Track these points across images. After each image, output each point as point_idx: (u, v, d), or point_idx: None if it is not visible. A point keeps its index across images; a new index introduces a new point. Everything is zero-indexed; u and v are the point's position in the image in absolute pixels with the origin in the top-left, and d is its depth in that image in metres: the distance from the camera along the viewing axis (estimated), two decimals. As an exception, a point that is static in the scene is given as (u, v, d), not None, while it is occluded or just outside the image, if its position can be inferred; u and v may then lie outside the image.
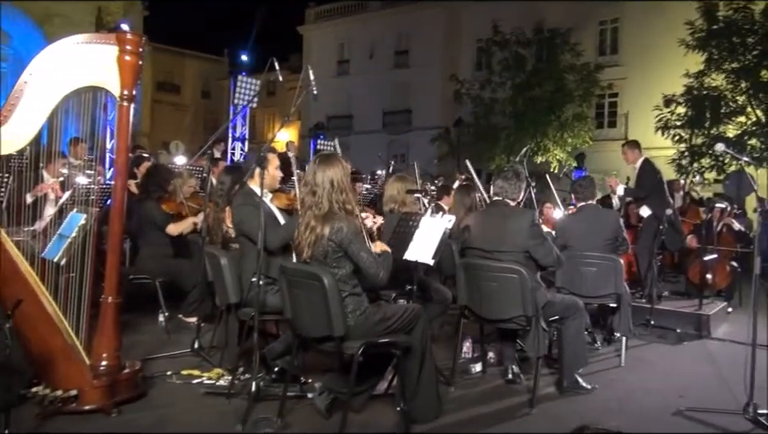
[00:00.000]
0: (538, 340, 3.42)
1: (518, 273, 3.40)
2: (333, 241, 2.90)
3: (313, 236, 2.94)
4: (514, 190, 3.78)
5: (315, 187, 2.98)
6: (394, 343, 2.94)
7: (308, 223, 2.98)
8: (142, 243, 5.04)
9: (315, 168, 3.02)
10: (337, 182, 2.96)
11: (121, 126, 3.24)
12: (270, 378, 3.60)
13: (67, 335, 3.16)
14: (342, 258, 2.93)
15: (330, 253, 2.92)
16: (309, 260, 2.99)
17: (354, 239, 2.90)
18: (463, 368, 4.09)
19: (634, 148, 6.52)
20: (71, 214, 3.51)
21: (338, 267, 2.93)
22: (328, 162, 3.02)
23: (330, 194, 2.95)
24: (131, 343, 4.16)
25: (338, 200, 2.95)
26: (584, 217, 4.82)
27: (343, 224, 2.90)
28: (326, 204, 2.95)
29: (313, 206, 2.98)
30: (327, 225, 2.91)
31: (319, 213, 2.95)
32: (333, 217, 2.92)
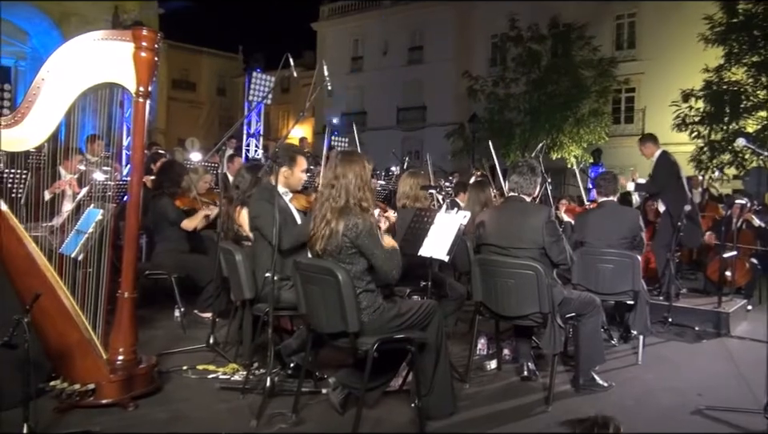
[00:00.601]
0: (554, 337, 3.38)
1: (534, 270, 3.37)
2: (347, 237, 2.89)
3: (327, 230, 2.94)
4: (529, 185, 3.75)
5: (334, 180, 2.98)
6: (409, 339, 2.93)
7: (324, 214, 2.98)
8: (158, 239, 5.08)
9: (337, 162, 3.02)
10: (357, 179, 2.96)
11: (137, 123, 3.27)
12: (284, 373, 3.61)
13: (84, 330, 3.19)
14: (356, 254, 2.93)
15: (343, 249, 2.92)
16: (321, 253, 2.98)
17: (368, 236, 2.89)
18: (478, 365, 4.08)
19: (647, 142, 6.41)
20: (88, 209, 3.54)
21: (351, 263, 2.93)
22: (351, 158, 3.03)
23: (348, 190, 2.95)
24: (147, 338, 4.20)
25: (355, 196, 2.95)
26: (603, 213, 4.78)
27: (358, 221, 2.89)
28: (342, 198, 2.95)
29: (330, 198, 2.98)
30: (342, 221, 2.91)
31: (336, 206, 2.95)
32: (348, 213, 2.92)
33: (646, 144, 6.36)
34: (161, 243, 5.03)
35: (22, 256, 3.18)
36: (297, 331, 3.77)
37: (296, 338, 3.63)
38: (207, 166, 6.31)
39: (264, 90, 11.03)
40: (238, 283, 3.68)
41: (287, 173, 3.73)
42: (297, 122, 4.66)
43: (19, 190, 3.90)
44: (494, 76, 19.79)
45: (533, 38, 18.65)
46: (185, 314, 4.92)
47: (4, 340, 2.49)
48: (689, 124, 15.29)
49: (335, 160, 3.04)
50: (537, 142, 17.69)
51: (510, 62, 19.29)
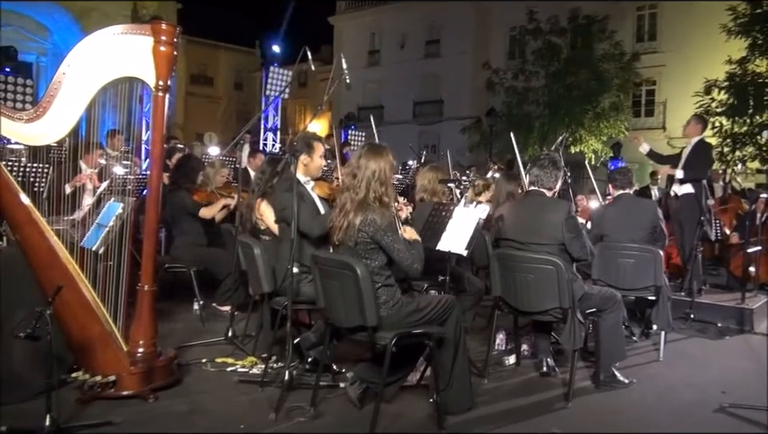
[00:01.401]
0: (574, 333, 3.34)
1: (554, 265, 3.33)
2: (364, 232, 2.88)
3: (345, 222, 2.94)
4: (549, 178, 3.69)
5: (357, 170, 2.97)
6: (428, 334, 2.91)
7: (343, 204, 2.97)
8: (176, 233, 5.12)
9: (361, 153, 3.01)
10: (379, 173, 2.95)
11: (156, 117, 3.28)
12: (302, 367, 3.61)
13: (105, 322, 3.22)
14: (375, 249, 2.92)
15: (360, 243, 2.91)
16: (338, 244, 2.98)
17: (387, 231, 2.88)
18: (496, 360, 4.05)
19: (699, 123, 6.33)
20: (109, 203, 3.57)
21: (369, 258, 2.92)
22: (375, 151, 3.01)
23: (370, 183, 2.94)
24: (166, 330, 4.23)
25: (375, 190, 2.94)
26: (621, 206, 4.73)
27: (376, 216, 2.88)
28: (362, 191, 2.94)
29: (351, 188, 2.97)
30: (359, 215, 2.90)
31: (355, 197, 2.94)
32: (366, 208, 2.91)
33: (698, 124, 6.27)
34: (179, 236, 5.06)
35: (45, 249, 3.22)
36: (315, 324, 3.76)
37: (315, 331, 3.63)
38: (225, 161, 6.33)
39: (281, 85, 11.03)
40: (257, 276, 3.69)
41: (306, 160, 3.71)
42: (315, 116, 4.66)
43: (41, 184, 3.95)
44: (514, 69, 19.61)
45: (552, 31, 18.44)
46: (203, 307, 4.95)
47: (27, 332, 2.51)
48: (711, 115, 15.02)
49: (360, 151, 3.04)
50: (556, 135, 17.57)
51: (530, 54, 19.10)
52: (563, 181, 3.84)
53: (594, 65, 17.83)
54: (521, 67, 19.27)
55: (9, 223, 3.33)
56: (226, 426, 2.93)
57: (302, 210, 3.49)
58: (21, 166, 3.97)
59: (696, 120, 6.36)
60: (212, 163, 5.59)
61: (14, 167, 3.66)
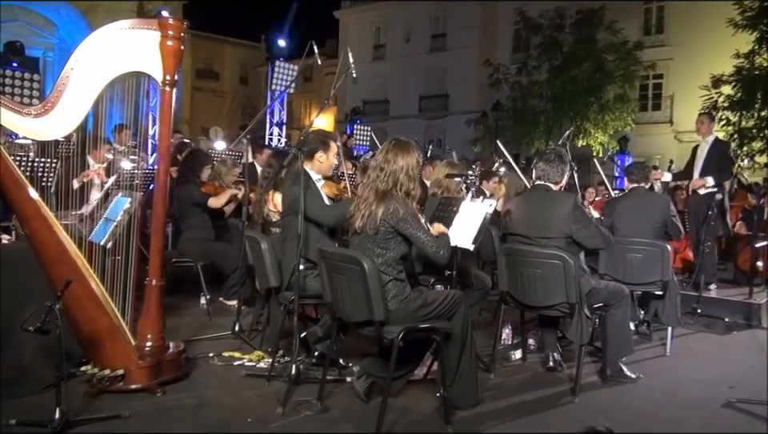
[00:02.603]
0: (581, 328, 3.33)
1: (561, 259, 3.31)
2: (387, 222, 2.91)
3: (367, 211, 2.95)
4: (556, 173, 3.68)
5: (384, 164, 3.00)
6: (435, 329, 2.91)
7: (366, 197, 3.00)
8: (184, 227, 5.13)
9: (389, 147, 3.03)
10: (407, 168, 2.98)
11: (163, 111, 3.28)
12: (309, 361, 3.62)
13: (114, 317, 3.24)
14: (393, 240, 2.94)
15: (381, 233, 2.93)
16: (359, 231, 2.99)
17: (411, 220, 2.91)
18: (503, 355, 4.05)
19: (711, 119, 6.34)
20: (116, 198, 3.58)
21: (386, 248, 2.93)
22: (404, 146, 3.04)
23: (398, 177, 2.96)
24: (174, 325, 4.25)
25: (403, 183, 2.97)
26: (633, 200, 4.74)
27: (399, 206, 2.91)
28: (389, 184, 2.97)
29: (376, 180, 3.00)
30: (382, 205, 2.92)
31: (380, 187, 2.96)
32: (390, 198, 2.93)
33: (711, 121, 6.28)
34: (187, 231, 5.07)
35: (54, 244, 3.23)
36: (322, 319, 3.77)
37: (321, 325, 3.63)
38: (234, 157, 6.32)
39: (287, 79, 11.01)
40: (264, 271, 3.70)
41: (322, 157, 3.72)
42: (321, 110, 4.64)
43: (49, 179, 3.96)
44: (518, 64, 19.54)
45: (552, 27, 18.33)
46: (211, 301, 4.97)
47: (37, 326, 2.53)
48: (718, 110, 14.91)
49: (387, 146, 3.06)
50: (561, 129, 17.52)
51: (533, 49, 19.02)
52: (569, 175, 3.83)
53: (595, 56, 17.72)
54: (524, 62, 19.19)
55: (18, 217, 3.34)
56: (233, 420, 2.94)
57: (313, 200, 3.52)
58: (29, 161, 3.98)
59: (707, 118, 6.34)
60: (224, 161, 5.59)
61: (22, 162, 3.67)
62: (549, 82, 18.70)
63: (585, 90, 17.91)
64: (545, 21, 18.33)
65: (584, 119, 18.23)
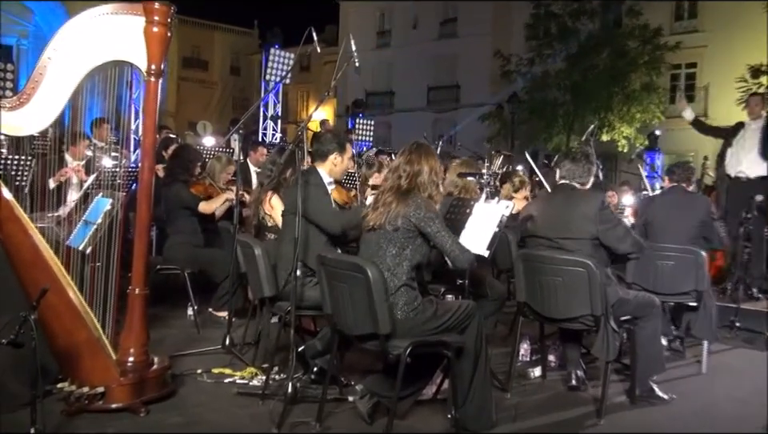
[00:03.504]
0: (608, 343, 3.32)
1: (585, 266, 3.31)
2: (409, 219, 2.96)
3: (386, 208, 3.01)
4: (583, 172, 3.73)
5: (407, 166, 3.09)
6: (446, 343, 2.91)
7: (385, 200, 3.06)
8: (171, 231, 5.13)
9: (411, 149, 3.14)
10: (431, 174, 3.09)
11: (148, 104, 3.29)
12: (307, 378, 3.63)
13: (93, 329, 3.25)
14: (412, 240, 2.98)
15: (401, 229, 2.97)
16: (375, 227, 3.04)
17: (434, 218, 2.98)
18: (521, 373, 4.03)
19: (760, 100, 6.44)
20: (96, 199, 3.59)
21: (403, 247, 2.98)
22: (428, 150, 3.16)
23: (421, 179, 3.05)
24: (159, 338, 4.26)
25: (426, 186, 3.06)
26: (670, 199, 4.78)
27: (422, 204, 2.98)
28: (412, 184, 3.05)
29: (398, 180, 3.08)
30: (404, 203, 2.99)
31: (403, 187, 3.04)
32: (413, 197, 3.00)
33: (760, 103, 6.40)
34: (173, 235, 5.08)
35: (28, 247, 3.24)
36: (321, 331, 3.78)
37: (321, 339, 3.64)
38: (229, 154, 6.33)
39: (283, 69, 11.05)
40: (257, 279, 3.70)
41: (336, 160, 3.76)
42: (320, 103, 4.65)
43: (24, 178, 3.98)
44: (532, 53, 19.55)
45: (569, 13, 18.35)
46: (199, 312, 4.97)
47: (10, 338, 2.53)
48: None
49: (408, 149, 3.16)
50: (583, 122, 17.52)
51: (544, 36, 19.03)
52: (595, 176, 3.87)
53: (616, 41, 17.70)
54: (538, 51, 19.20)
55: (-11, 220, 3.35)
56: (224, 442, 2.95)
57: (322, 202, 3.56)
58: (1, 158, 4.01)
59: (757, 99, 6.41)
60: (218, 158, 5.59)
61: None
62: (566, 71, 18.69)
63: (608, 79, 17.89)
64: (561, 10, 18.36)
65: (608, 111, 18.20)
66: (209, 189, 5.20)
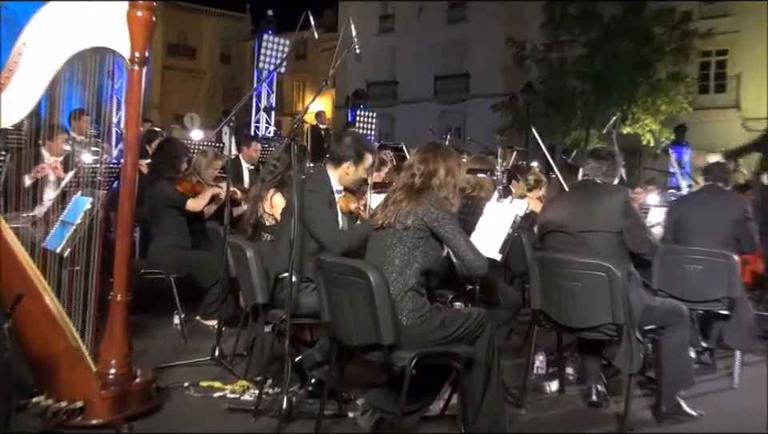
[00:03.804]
0: (631, 354, 3.32)
1: (606, 270, 3.31)
2: (422, 219, 2.97)
3: (396, 208, 3.03)
4: (607, 171, 3.78)
5: (422, 165, 3.11)
6: (455, 355, 2.92)
7: (395, 198, 3.08)
8: (156, 232, 5.15)
9: (426, 150, 3.17)
10: (449, 176, 3.11)
11: (132, 94, 3.30)
12: (304, 392, 3.63)
13: (72, 338, 3.25)
14: (423, 241, 2.99)
15: (412, 229, 2.98)
16: (385, 225, 3.05)
17: (449, 220, 3.00)
18: (536, 387, 4.04)
19: None
20: (75, 197, 3.61)
21: (414, 248, 2.98)
22: (446, 151, 3.21)
23: (437, 180, 3.08)
24: (142, 348, 4.27)
25: (442, 188, 3.08)
26: (703, 197, 4.80)
27: (436, 204, 3.00)
28: (426, 183, 3.07)
29: (411, 179, 3.10)
30: (415, 202, 3.00)
31: (417, 185, 3.06)
32: (428, 196, 3.02)
33: None
34: (158, 237, 5.09)
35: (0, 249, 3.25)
36: (319, 342, 3.78)
37: (319, 349, 3.64)
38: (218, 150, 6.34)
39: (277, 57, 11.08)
40: (250, 285, 3.71)
41: (350, 169, 3.76)
42: (318, 93, 4.66)
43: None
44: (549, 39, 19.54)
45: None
46: (186, 321, 4.98)
47: (-19, 349, 2.54)
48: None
49: (424, 147, 3.20)
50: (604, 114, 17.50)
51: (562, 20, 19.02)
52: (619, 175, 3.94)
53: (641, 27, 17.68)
54: (555, 38, 19.19)
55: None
56: (213, 462, 2.96)
57: (327, 221, 3.56)
58: (-28, 153, 4.02)
59: None
60: (204, 152, 5.60)
61: (-36, 155, 3.72)
62: (586, 58, 18.69)
63: (631, 68, 17.88)
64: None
65: (631, 102, 18.19)
66: (196, 186, 5.20)
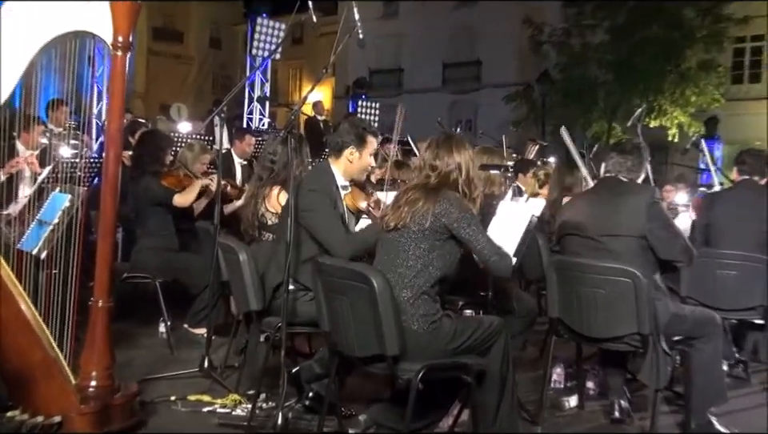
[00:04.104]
0: (658, 367, 3.31)
1: (631, 276, 3.30)
2: (440, 220, 2.98)
3: (411, 208, 3.03)
4: (632, 167, 3.75)
5: (436, 161, 3.14)
6: (465, 367, 2.92)
7: (409, 198, 3.08)
8: (140, 232, 5.15)
9: (437, 145, 3.19)
10: (466, 168, 3.15)
11: (114, 82, 3.30)
12: (300, 407, 3.64)
13: (49, 348, 3.26)
14: (441, 244, 3.01)
15: (429, 229, 2.99)
16: (401, 227, 3.06)
17: (470, 220, 3.01)
18: (554, 402, 4.04)
19: None
20: (53, 194, 3.61)
21: (430, 250, 3.00)
22: (459, 142, 3.21)
23: (453, 177, 3.11)
24: (126, 359, 4.28)
25: (460, 184, 3.11)
26: (737, 195, 4.79)
27: (455, 202, 3.01)
28: (442, 181, 3.10)
29: (426, 178, 3.14)
30: (432, 201, 3.01)
31: (432, 184, 3.10)
32: (444, 194, 3.03)
33: None
34: (143, 237, 5.10)
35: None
36: (318, 353, 3.79)
37: (318, 360, 3.64)
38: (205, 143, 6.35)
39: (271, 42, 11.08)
40: (242, 290, 3.71)
41: (353, 156, 3.74)
42: (316, 83, 4.66)
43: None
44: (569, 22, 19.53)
45: None
46: (172, 329, 4.99)
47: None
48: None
49: (435, 142, 3.21)
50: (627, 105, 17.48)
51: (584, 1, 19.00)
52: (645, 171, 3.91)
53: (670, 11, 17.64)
54: (576, 21, 19.17)
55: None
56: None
57: (331, 224, 3.56)
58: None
59: None
60: (190, 145, 5.60)
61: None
62: (610, 44, 18.66)
63: (659, 56, 17.85)
64: None
65: (658, 93, 18.16)
66: (183, 180, 5.19)
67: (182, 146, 5.73)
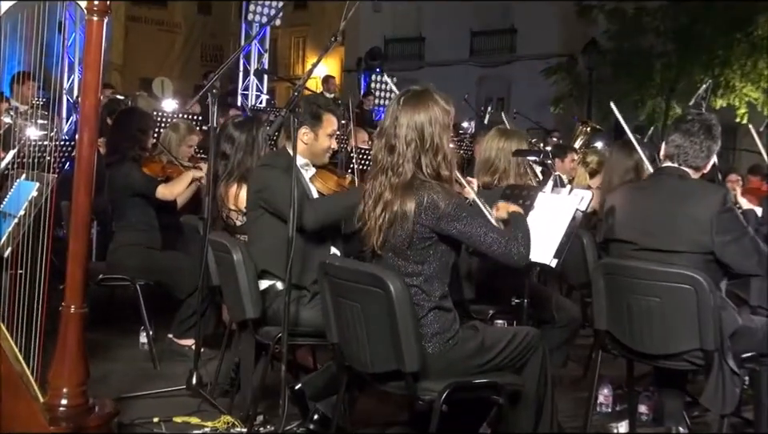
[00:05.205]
0: (724, 389, 3.30)
1: (693, 282, 3.28)
2: (421, 223, 2.91)
3: (388, 214, 2.95)
4: (698, 152, 3.63)
5: (395, 140, 2.98)
6: (497, 386, 2.92)
7: (380, 193, 2.99)
8: (118, 228, 5.17)
9: (397, 111, 3.01)
10: (429, 135, 2.95)
11: (90, 53, 3.30)
12: (304, 430, 3.64)
13: (14, 360, 3.30)
14: (432, 249, 2.95)
15: (417, 242, 2.93)
16: (380, 251, 3.01)
17: (461, 213, 2.91)
18: (600, 429, 4.05)
19: None
20: (18, 182, 3.64)
21: (423, 262, 2.95)
22: (418, 102, 3.00)
23: (417, 153, 2.95)
24: (102, 373, 4.31)
25: (428, 163, 2.96)
26: None
27: (435, 196, 2.90)
28: (409, 168, 2.95)
29: (388, 169, 2.98)
30: (410, 199, 2.91)
31: (398, 181, 2.96)
32: (420, 187, 2.93)
33: None
34: (121, 233, 5.12)
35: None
36: (323, 367, 3.80)
37: (321, 373, 3.65)
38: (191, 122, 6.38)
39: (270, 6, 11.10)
40: (237, 295, 3.72)
41: (308, 136, 3.78)
42: (324, 53, 4.64)
43: None
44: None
45: None
46: (155, 340, 5.02)
47: None
48: None
49: (395, 108, 3.04)
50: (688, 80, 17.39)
51: None
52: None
53: None
54: None
55: None
56: None
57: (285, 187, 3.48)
58: None
59: None
60: (175, 126, 5.63)
61: None
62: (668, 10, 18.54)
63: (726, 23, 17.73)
64: None
65: (725, 66, 18.04)
66: (167, 168, 5.21)
67: (166, 127, 5.75)
